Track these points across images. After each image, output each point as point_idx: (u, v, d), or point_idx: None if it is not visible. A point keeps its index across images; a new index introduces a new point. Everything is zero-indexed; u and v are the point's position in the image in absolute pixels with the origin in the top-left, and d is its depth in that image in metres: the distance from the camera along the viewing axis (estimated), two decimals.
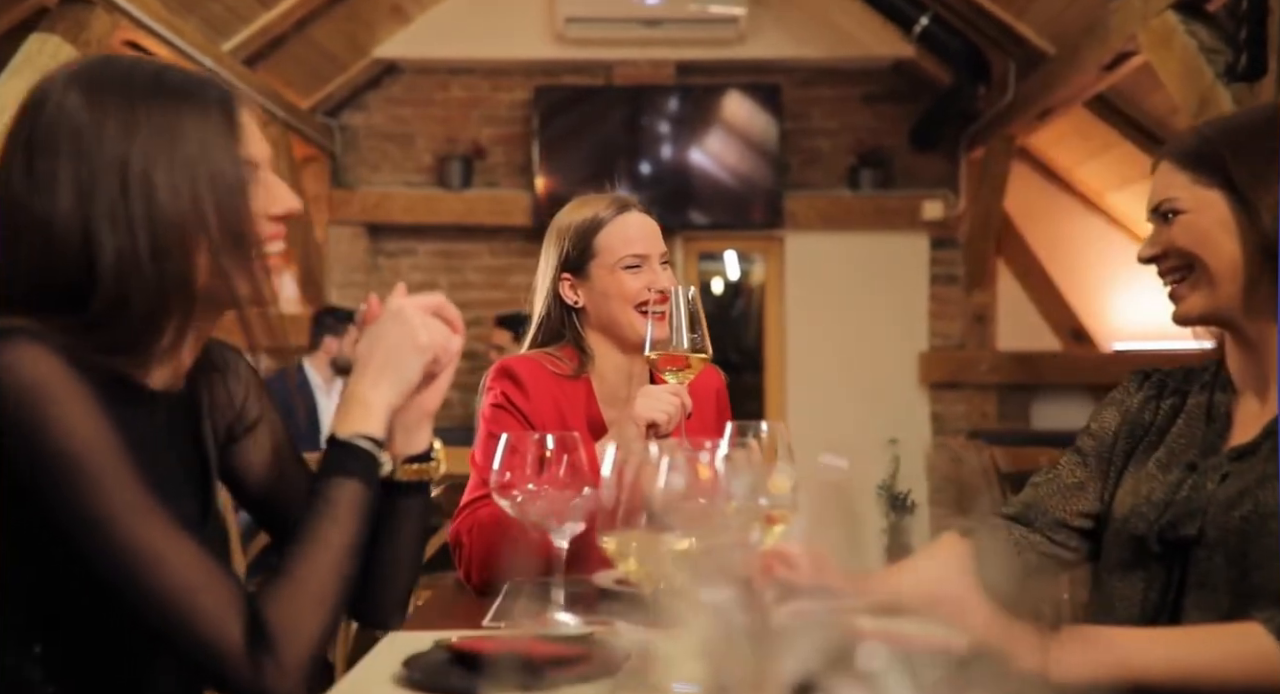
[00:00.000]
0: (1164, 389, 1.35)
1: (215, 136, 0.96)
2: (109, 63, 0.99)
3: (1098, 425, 1.37)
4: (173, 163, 0.94)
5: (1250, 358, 1.25)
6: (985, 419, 5.17)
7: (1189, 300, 1.23)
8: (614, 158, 5.18)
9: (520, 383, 1.67)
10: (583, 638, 1.14)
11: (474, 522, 1.56)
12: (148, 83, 0.96)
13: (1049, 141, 5.02)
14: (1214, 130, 1.25)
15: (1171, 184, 1.22)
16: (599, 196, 1.76)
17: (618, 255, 1.67)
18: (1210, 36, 2.94)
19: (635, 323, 1.66)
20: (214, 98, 0.98)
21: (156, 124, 0.94)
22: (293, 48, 4.67)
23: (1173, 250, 1.22)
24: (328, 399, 4.41)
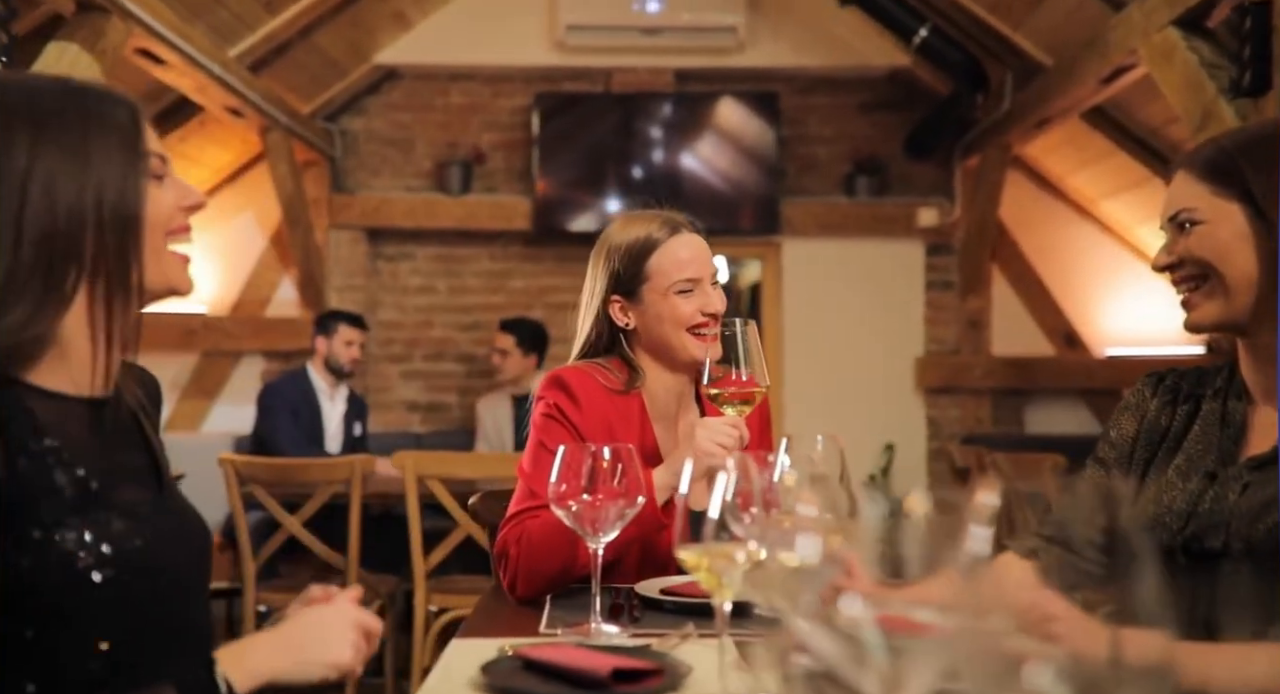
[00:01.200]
0: (1178, 393, 1.35)
1: (119, 144, 1.03)
2: (10, 82, 1.05)
3: (1117, 433, 1.38)
4: (80, 169, 1.00)
5: (1264, 367, 1.25)
6: (980, 424, 5.24)
7: (1202, 309, 1.24)
8: (613, 164, 5.22)
9: (573, 395, 1.68)
10: (643, 650, 1.18)
11: (522, 533, 1.57)
12: (55, 100, 1.02)
13: (1043, 150, 5.10)
14: (1232, 142, 1.26)
15: (1190, 194, 1.24)
16: (648, 214, 1.76)
17: (671, 279, 1.68)
18: (1212, 52, 3.01)
19: (688, 345, 1.68)
20: (117, 111, 1.04)
21: (65, 139, 1.00)
22: (296, 53, 4.69)
23: (1189, 259, 1.24)
24: (330, 404, 4.43)
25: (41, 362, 1.01)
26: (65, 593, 0.95)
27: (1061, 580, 0.56)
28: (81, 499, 0.98)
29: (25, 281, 0.97)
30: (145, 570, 1.00)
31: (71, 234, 0.99)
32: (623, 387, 1.72)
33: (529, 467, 1.67)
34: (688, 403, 1.80)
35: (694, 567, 0.99)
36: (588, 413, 1.67)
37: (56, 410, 1.01)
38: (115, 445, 1.07)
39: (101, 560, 0.97)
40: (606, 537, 1.32)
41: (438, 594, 3.33)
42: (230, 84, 4.04)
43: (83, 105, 1.03)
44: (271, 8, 4.24)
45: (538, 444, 1.68)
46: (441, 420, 5.42)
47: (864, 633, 0.59)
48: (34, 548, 0.94)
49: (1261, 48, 2.68)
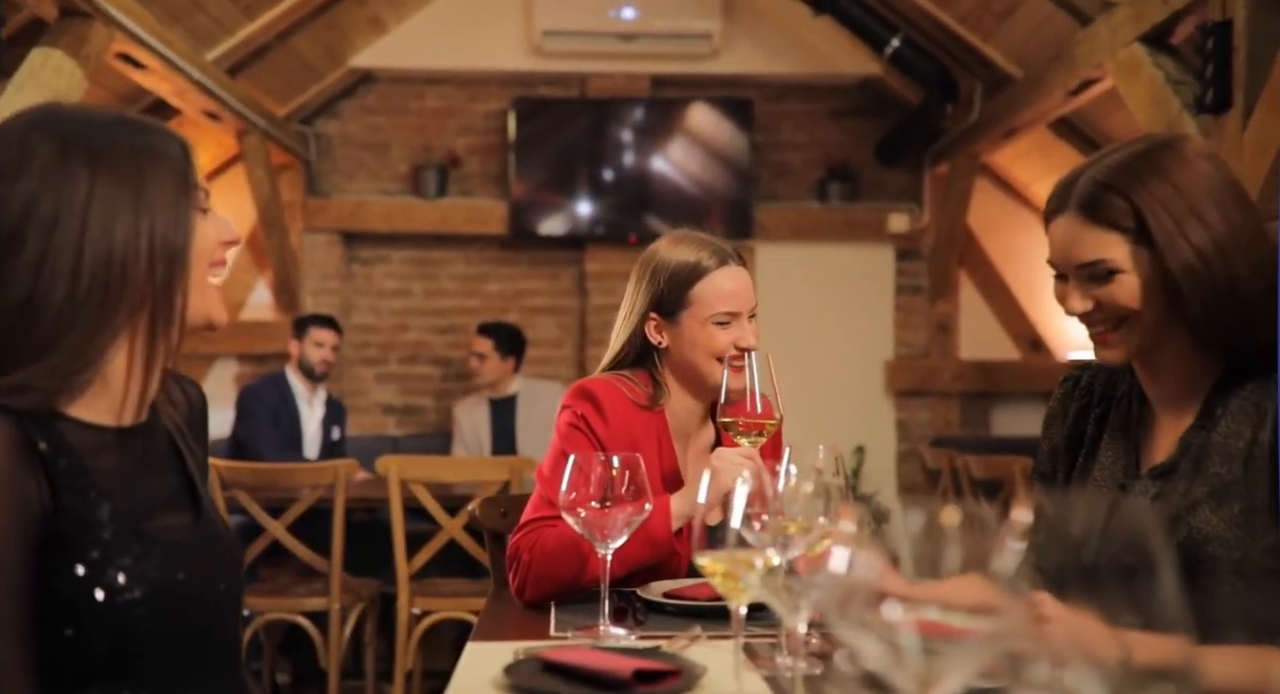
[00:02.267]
0: (1092, 395, 1.40)
1: (170, 178, 1.05)
2: (69, 112, 1.07)
3: (1048, 444, 1.44)
4: (135, 201, 1.03)
5: (1157, 380, 1.31)
6: (949, 426, 5.35)
7: (1120, 348, 1.27)
8: (589, 168, 5.26)
9: (600, 407, 1.71)
10: (654, 651, 1.23)
11: (536, 540, 1.60)
12: (111, 133, 1.05)
13: (1009, 158, 5.21)
14: (1104, 175, 1.24)
15: (1097, 243, 1.24)
16: (698, 238, 1.78)
17: (713, 310, 1.71)
18: (1176, 68, 3.12)
19: (715, 373, 1.70)
20: (169, 146, 1.07)
21: (121, 170, 1.03)
22: (272, 57, 4.68)
23: (1111, 306, 1.25)
24: (308, 408, 4.44)
25: (84, 393, 1.03)
26: (107, 621, 0.98)
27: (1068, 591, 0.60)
28: (123, 533, 1.01)
29: (78, 315, 1.00)
30: (185, 598, 1.04)
31: (125, 267, 1.01)
32: (648, 402, 1.75)
33: (549, 474, 1.69)
34: (705, 425, 1.85)
35: (712, 572, 1.04)
36: (613, 425, 1.70)
37: (97, 442, 1.03)
38: (152, 472, 1.10)
39: (144, 594, 0.99)
40: (615, 543, 1.37)
41: (420, 597, 3.36)
42: (209, 88, 4.03)
43: (138, 138, 1.06)
44: (250, 12, 4.24)
45: (560, 453, 1.69)
46: (417, 424, 5.44)
47: (902, 636, 0.65)
48: (79, 583, 0.97)
49: (1223, 67, 2.78)
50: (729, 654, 1.24)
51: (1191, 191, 1.22)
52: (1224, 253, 1.20)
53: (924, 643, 0.64)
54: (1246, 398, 1.22)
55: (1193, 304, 1.21)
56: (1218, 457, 1.21)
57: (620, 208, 5.25)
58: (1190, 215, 1.20)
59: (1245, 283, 1.20)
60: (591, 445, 1.68)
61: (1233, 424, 1.22)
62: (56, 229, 1.00)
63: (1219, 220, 1.21)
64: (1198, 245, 1.20)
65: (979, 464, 3.67)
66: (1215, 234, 1.20)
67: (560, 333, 5.44)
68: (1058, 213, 1.28)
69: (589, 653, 1.16)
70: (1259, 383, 1.22)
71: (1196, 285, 1.20)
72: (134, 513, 1.03)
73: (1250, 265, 1.21)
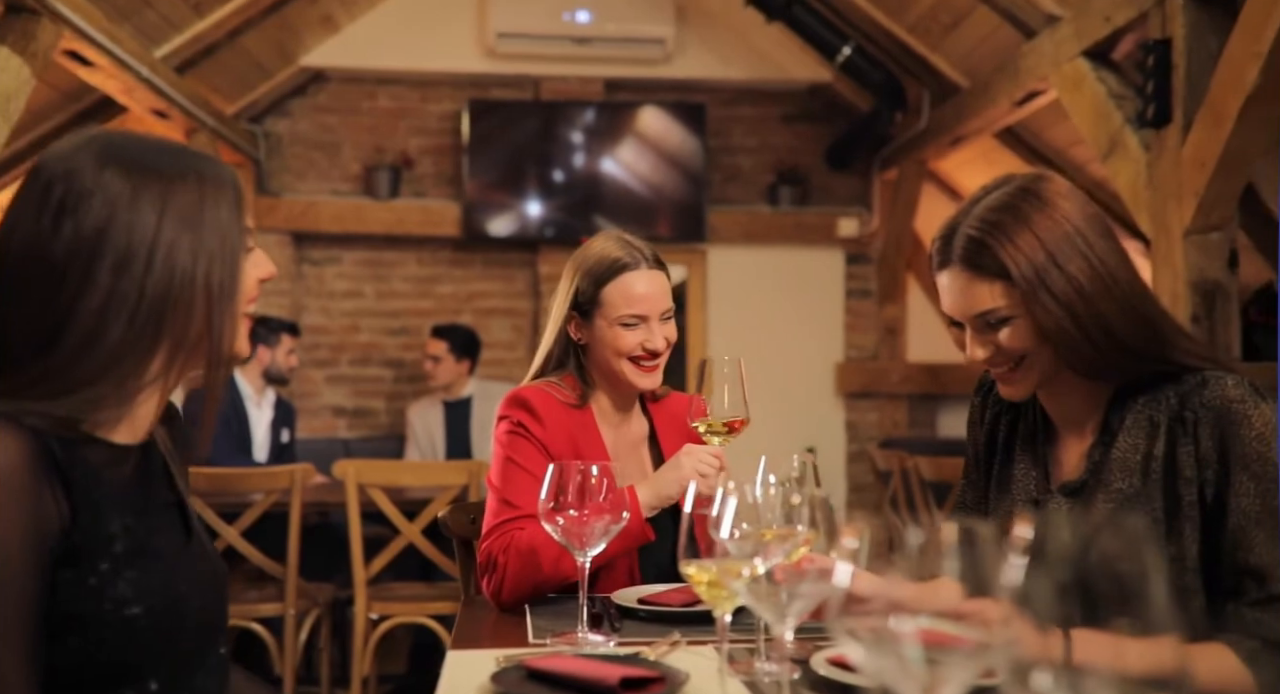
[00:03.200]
0: (1002, 400, 1.45)
1: (229, 214, 1.07)
2: (132, 140, 1.07)
3: (972, 451, 1.51)
4: (197, 235, 1.04)
5: (1055, 402, 1.37)
6: (897, 427, 5.45)
7: (1022, 385, 1.32)
8: (542, 172, 5.27)
9: (534, 412, 1.77)
10: (635, 658, 1.26)
11: (508, 542, 1.64)
12: (177, 164, 1.06)
13: (956, 165, 5.33)
14: (977, 230, 1.28)
15: (985, 295, 1.28)
16: (619, 240, 1.82)
17: (619, 312, 1.76)
18: (1118, 83, 3.22)
19: (626, 372, 1.78)
20: (227, 180, 1.09)
21: (185, 202, 1.04)
22: (222, 55, 4.62)
23: (1008, 351, 1.29)
24: (257, 410, 4.38)
25: (105, 415, 1.04)
26: (111, 633, 1.00)
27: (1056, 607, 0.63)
28: (131, 548, 1.02)
29: (129, 354, 1.01)
30: (182, 613, 1.06)
31: (179, 307, 1.03)
32: (578, 401, 1.82)
33: (499, 481, 1.75)
34: (635, 417, 1.90)
35: (698, 581, 1.07)
36: (549, 427, 1.76)
37: (112, 459, 1.05)
38: (153, 490, 1.11)
39: (146, 607, 1.01)
40: (593, 550, 1.39)
41: (377, 602, 3.35)
42: (157, 86, 3.97)
43: (199, 169, 1.07)
44: (200, 9, 4.17)
45: (505, 459, 1.76)
46: (368, 426, 5.40)
47: (904, 646, 0.68)
48: (89, 595, 0.98)
49: (1163, 82, 2.89)
50: (708, 660, 1.28)
51: (1052, 239, 1.25)
52: (1088, 299, 1.24)
53: (927, 652, 0.68)
54: (1140, 412, 1.28)
55: (1064, 351, 1.26)
56: (1118, 471, 1.27)
57: (573, 210, 5.27)
58: (1052, 265, 1.24)
59: (1116, 320, 1.25)
60: (534, 448, 1.74)
61: (1129, 438, 1.28)
62: (126, 271, 1.01)
63: (1081, 267, 1.25)
64: (1061, 295, 1.24)
65: (929, 466, 3.75)
66: (1077, 283, 1.24)
67: (514, 335, 5.44)
68: (943, 267, 1.33)
69: (573, 660, 1.19)
70: (1150, 396, 1.28)
71: (1064, 336, 1.25)
72: (140, 528, 1.05)
73: (1120, 303, 1.25)
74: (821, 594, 0.98)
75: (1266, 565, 1.16)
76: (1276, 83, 2.57)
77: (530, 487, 1.73)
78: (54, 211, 1.00)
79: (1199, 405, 1.23)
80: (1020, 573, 0.59)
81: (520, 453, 1.75)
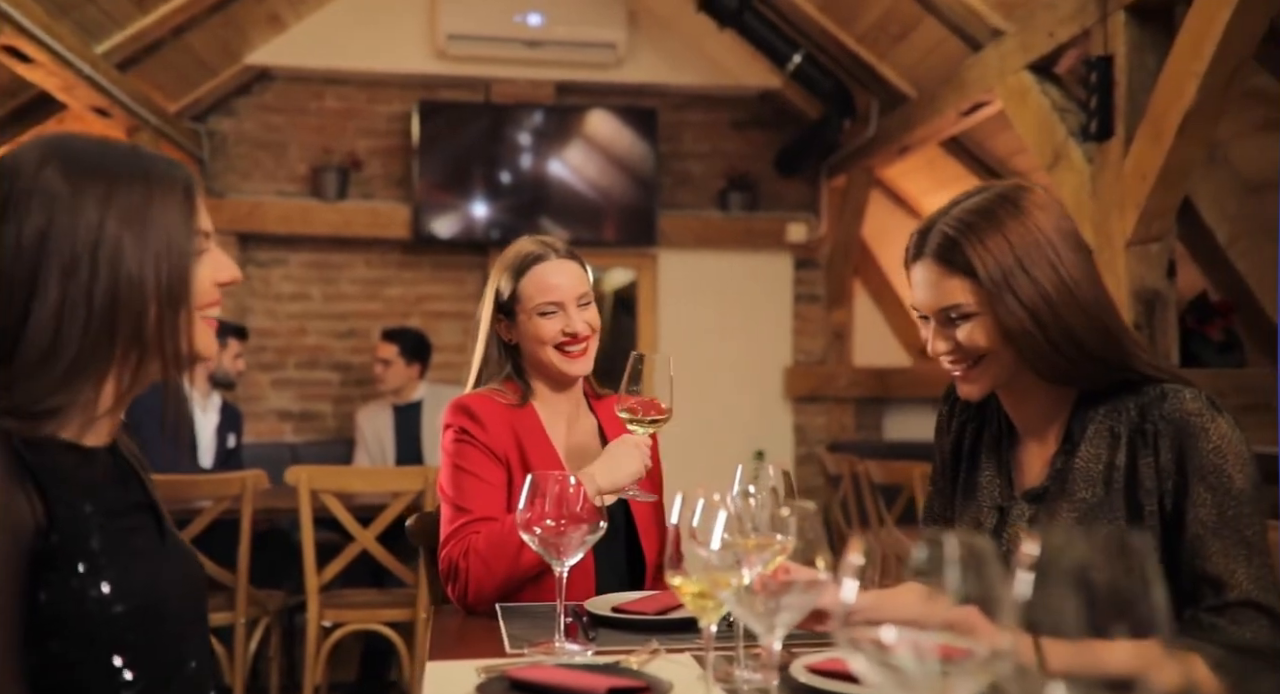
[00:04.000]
0: (969, 409, 1.50)
1: (178, 215, 1.06)
2: (79, 141, 1.06)
3: (939, 458, 1.55)
4: (142, 236, 1.03)
5: (1018, 407, 1.41)
6: (844, 430, 5.53)
7: (981, 382, 1.37)
8: (493, 175, 5.25)
9: (476, 417, 1.81)
10: (615, 667, 1.27)
11: (467, 546, 1.67)
12: (124, 164, 1.05)
13: (901, 172, 5.43)
14: (954, 228, 1.33)
15: (951, 290, 1.32)
16: (531, 239, 1.90)
17: (535, 302, 1.82)
18: (1062, 97, 3.32)
19: (554, 361, 1.83)
20: (178, 179, 1.07)
21: (131, 202, 1.03)
22: (165, 52, 4.53)
23: (969, 347, 1.33)
24: (202, 415, 4.30)
25: (71, 418, 1.04)
26: (95, 633, 0.99)
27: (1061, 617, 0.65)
28: (109, 545, 1.02)
29: (89, 362, 1.00)
30: (162, 612, 1.06)
31: (130, 311, 1.01)
32: (519, 401, 1.86)
33: (450, 488, 1.79)
34: (582, 413, 1.94)
35: (686, 592, 1.09)
36: (492, 430, 1.80)
37: (80, 462, 1.04)
38: (123, 490, 1.11)
39: (128, 607, 1.01)
40: (571, 560, 1.41)
41: (330, 609, 3.31)
42: (99, 83, 3.88)
43: (146, 169, 1.05)
44: (143, 6, 4.09)
45: (454, 467, 1.80)
46: (315, 430, 5.33)
47: (902, 657, 0.71)
48: (72, 596, 0.98)
49: (1106, 98, 2.98)
50: (686, 668, 1.30)
51: (1022, 246, 1.30)
52: (1053, 306, 1.29)
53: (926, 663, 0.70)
54: (1101, 422, 1.33)
55: (1026, 353, 1.31)
56: (1081, 481, 1.32)
57: (524, 213, 5.26)
58: (1018, 269, 1.29)
59: (1079, 328, 1.29)
60: (480, 453, 1.78)
61: (1091, 449, 1.33)
62: (73, 277, 0.99)
63: (1048, 275, 1.30)
64: (1026, 300, 1.29)
65: (879, 469, 3.82)
66: (1043, 289, 1.29)
67: (464, 338, 5.41)
68: (916, 259, 1.38)
69: (556, 671, 1.20)
70: (1110, 406, 1.33)
71: (1027, 339, 1.30)
72: (116, 529, 1.04)
73: (1084, 313, 1.30)
74: (808, 605, 1.01)
75: (1222, 573, 1.21)
76: (1213, 101, 2.67)
77: (481, 490, 1.76)
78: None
79: (1159, 418, 1.28)
80: (1025, 585, 0.62)
81: (467, 459, 1.79)
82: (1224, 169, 3.43)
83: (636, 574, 1.87)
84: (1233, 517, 1.22)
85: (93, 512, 1.02)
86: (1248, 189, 3.47)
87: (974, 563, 0.68)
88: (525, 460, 1.80)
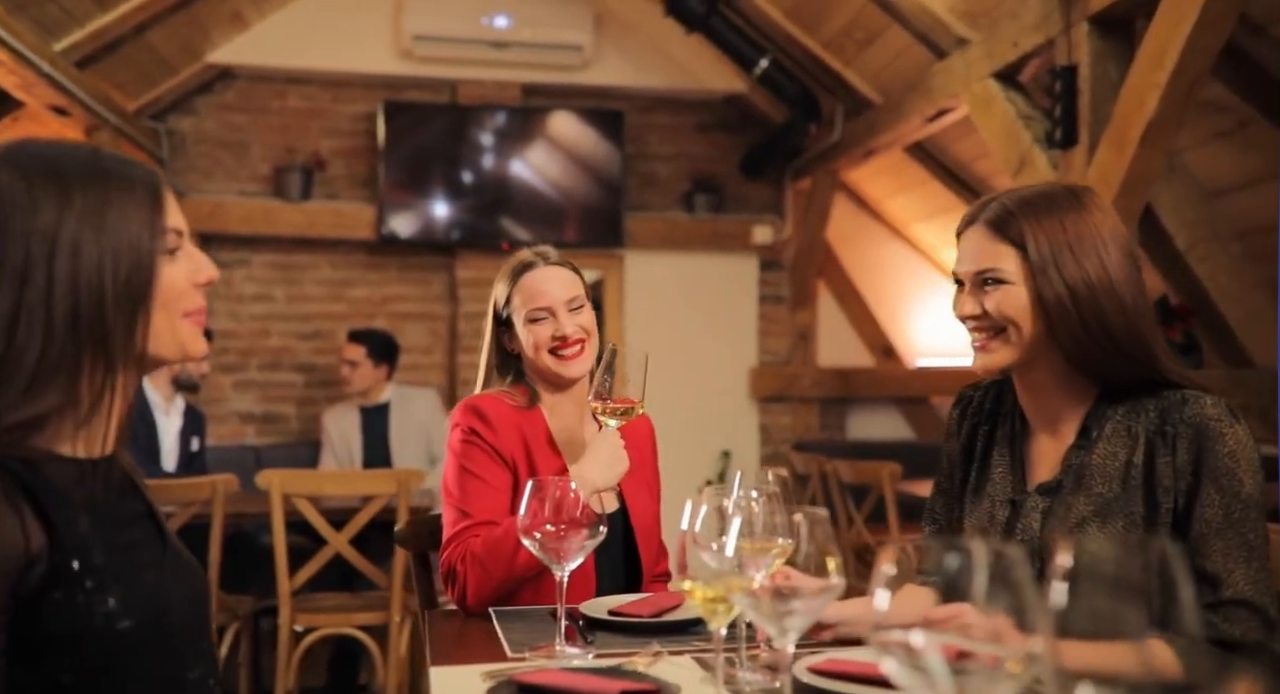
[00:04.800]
0: (981, 413, 1.54)
1: (139, 215, 1.04)
2: (36, 145, 1.05)
3: (946, 462, 1.59)
4: (100, 237, 1.01)
5: (1034, 399, 1.46)
6: (809, 430, 5.60)
7: (999, 355, 1.41)
8: (458, 175, 5.23)
9: (486, 418, 1.83)
10: (618, 670, 1.30)
11: (465, 551, 1.71)
12: (81, 165, 1.03)
13: (864, 175, 5.50)
14: (1011, 200, 1.40)
15: (995, 254, 1.38)
16: (531, 250, 1.94)
17: (526, 308, 1.86)
18: (1026, 105, 3.39)
19: (549, 364, 1.86)
20: (138, 179, 1.06)
21: (88, 203, 1.01)
22: (125, 50, 4.45)
23: (996, 314, 1.38)
24: (165, 418, 4.25)
25: (60, 430, 1.02)
26: (104, 648, 0.99)
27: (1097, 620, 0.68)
28: (112, 563, 1.01)
29: (53, 369, 0.98)
30: (168, 625, 1.05)
31: (93, 310, 1.00)
32: (526, 404, 1.89)
33: (455, 490, 1.80)
34: (587, 417, 1.96)
35: (697, 596, 1.11)
36: (501, 431, 1.82)
37: (77, 476, 1.03)
38: (123, 504, 1.10)
39: (135, 622, 1.01)
40: (571, 564, 1.42)
41: (302, 614, 3.29)
42: (58, 81, 3.81)
43: (105, 169, 1.03)
44: (103, 3, 4.02)
45: (460, 468, 1.81)
46: (278, 432, 5.27)
47: (930, 661, 0.74)
48: (80, 612, 0.97)
49: (1070, 106, 3.06)
50: (688, 670, 1.32)
51: (1075, 232, 1.37)
52: (1093, 292, 1.35)
53: (952, 666, 0.73)
54: (1120, 422, 1.38)
55: (1059, 330, 1.36)
56: (1099, 477, 1.37)
57: (491, 215, 5.25)
58: (1067, 251, 1.36)
59: (1114, 323, 1.35)
60: (487, 455, 1.81)
61: (1109, 447, 1.38)
62: (29, 282, 0.97)
63: (1096, 264, 1.36)
64: (1069, 279, 1.35)
65: (848, 469, 3.87)
66: (1087, 275, 1.35)
67: (430, 339, 5.39)
68: (968, 226, 1.44)
69: (564, 674, 1.22)
70: (1129, 407, 1.38)
71: (1063, 315, 1.35)
72: (119, 541, 1.04)
73: (1121, 310, 1.35)
74: (819, 609, 1.04)
75: (1220, 572, 1.27)
76: (1174, 112, 2.75)
77: (484, 493, 1.77)
78: None
79: (1179, 421, 1.33)
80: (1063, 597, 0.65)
81: (473, 461, 1.81)
82: (1183, 177, 3.54)
83: (634, 577, 1.89)
84: (1238, 519, 1.28)
85: (94, 526, 1.01)
86: (1205, 196, 3.57)
87: (1002, 570, 0.71)
88: (532, 462, 1.82)
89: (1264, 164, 3.35)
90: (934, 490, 1.62)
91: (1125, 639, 0.61)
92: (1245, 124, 3.32)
